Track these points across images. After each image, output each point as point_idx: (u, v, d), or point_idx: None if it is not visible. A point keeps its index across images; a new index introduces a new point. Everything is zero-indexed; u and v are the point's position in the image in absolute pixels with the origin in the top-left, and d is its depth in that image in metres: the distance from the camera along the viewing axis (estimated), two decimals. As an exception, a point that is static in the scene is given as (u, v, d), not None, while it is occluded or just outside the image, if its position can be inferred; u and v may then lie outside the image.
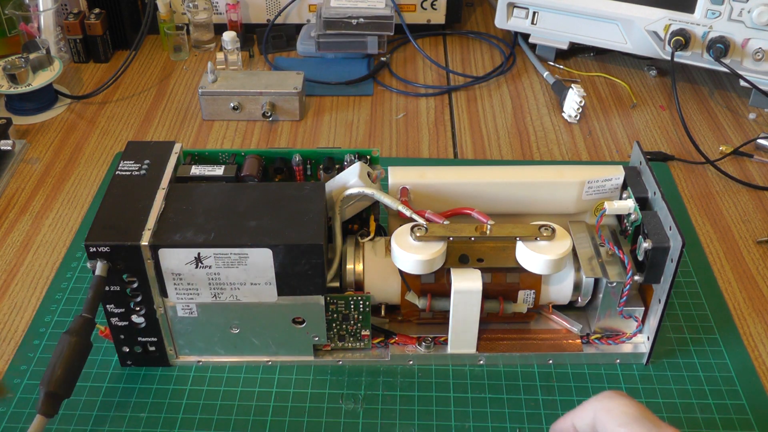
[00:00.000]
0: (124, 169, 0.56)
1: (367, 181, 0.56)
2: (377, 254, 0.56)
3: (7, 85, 0.83)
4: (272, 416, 0.53)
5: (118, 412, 0.54)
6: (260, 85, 0.83)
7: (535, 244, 0.52)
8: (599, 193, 0.58)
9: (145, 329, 0.54)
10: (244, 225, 0.51)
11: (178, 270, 0.51)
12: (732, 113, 0.88)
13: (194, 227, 0.51)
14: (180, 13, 0.98)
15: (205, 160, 0.59)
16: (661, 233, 0.52)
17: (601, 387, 0.55)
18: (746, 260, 0.67)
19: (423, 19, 1.01)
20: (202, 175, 0.57)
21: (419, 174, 0.57)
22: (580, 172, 0.58)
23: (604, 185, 0.58)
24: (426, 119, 0.86)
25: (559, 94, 0.88)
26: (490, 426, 0.53)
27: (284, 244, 0.50)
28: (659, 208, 0.54)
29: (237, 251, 0.50)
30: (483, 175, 0.58)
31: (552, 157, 0.80)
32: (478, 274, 0.53)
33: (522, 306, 0.56)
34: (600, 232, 0.56)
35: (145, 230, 0.50)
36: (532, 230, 0.52)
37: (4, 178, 0.76)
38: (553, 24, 0.93)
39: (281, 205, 0.52)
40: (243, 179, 0.57)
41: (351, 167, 0.57)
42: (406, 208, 0.55)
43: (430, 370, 0.57)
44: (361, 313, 0.54)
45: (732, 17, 0.81)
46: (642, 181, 0.57)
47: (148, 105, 0.88)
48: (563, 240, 0.52)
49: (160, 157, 0.57)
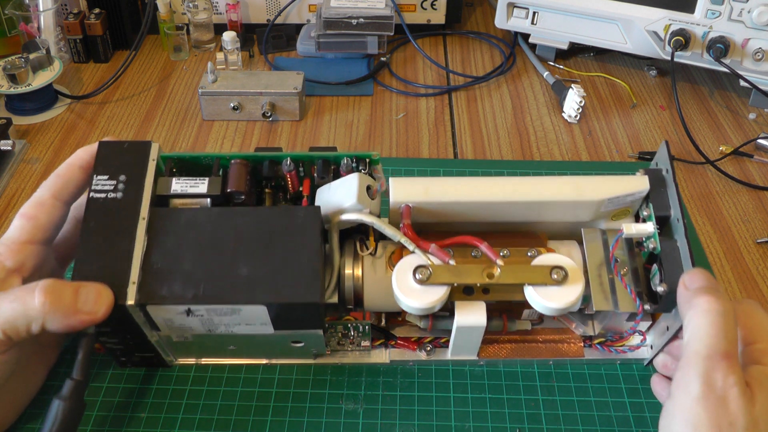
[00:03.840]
0: (98, 189, 0.49)
1: (366, 201, 0.51)
2: (377, 270, 0.53)
3: (7, 85, 0.83)
4: (272, 416, 0.53)
5: (118, 412, 0.53)
6: (260, 85, 0.83)
7: (545, 289, 0.49)
8: (619, 205, 0.54)
9: (141, 348, 0.53)
10: (234, 273, 0.47)
11: (168, 317, 0.49)
12: (732, 113, 0.88)
13: (182, 277, 0.47)
14: (180, 13, 0.98)
15: (186, 166, 0.54)
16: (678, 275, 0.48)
17: (601, 387, 0.55)
18: (746, 260, 0.68)
19: (423, 19, 1.01)
20: (184, 192, 0.51)
21: (423, 191, 0.52)
22: (600, 188, 0.52)
23: (626, 198, 0.53)
24: (426, 119, 0.86)
25: (559, 94, 0.88)
26: (490, 426, 0.53)
27: (279, 303, 0.47)
28: (680, 239, 0.50)
29: (229, 307, 0.47)
30: (492, 193, 0.52)
31: (552, 157, 0.80)
32: (483, 308, 0.51)
33: (526, 323, 0.56)
34: (614, 259, 0.52)
35: (130, 284, 0.46)
36: (543, 275, 0.49)
37: (4, 178, 0.76)
38: (553, 24, 0.93)
39: (273, 241, 0.48)
40: (229, 196, 0.52)
41: (348, 181, 0.52)
42: (409, 242, 0.51)
43: (430, 370, 0.57)
44: (360, 332, 0.55)
45: (732, 17, 0.81)
46: (666, 194, 0.52)
47: (148, 105, 0.88)
48: (574, 285, 0.49)
49: (137, 167, 0.50)
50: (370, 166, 0.54)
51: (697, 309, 0.44)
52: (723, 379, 0.41)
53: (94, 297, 0.45)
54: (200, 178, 0.52)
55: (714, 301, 0.44)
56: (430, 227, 0.54)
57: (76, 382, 0.46)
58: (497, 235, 0.54)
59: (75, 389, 0.46)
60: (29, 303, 0.44)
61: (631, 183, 0.52)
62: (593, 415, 0.54)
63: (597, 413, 0.54)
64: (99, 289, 0.45)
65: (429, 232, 0.53)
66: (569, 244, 0.55)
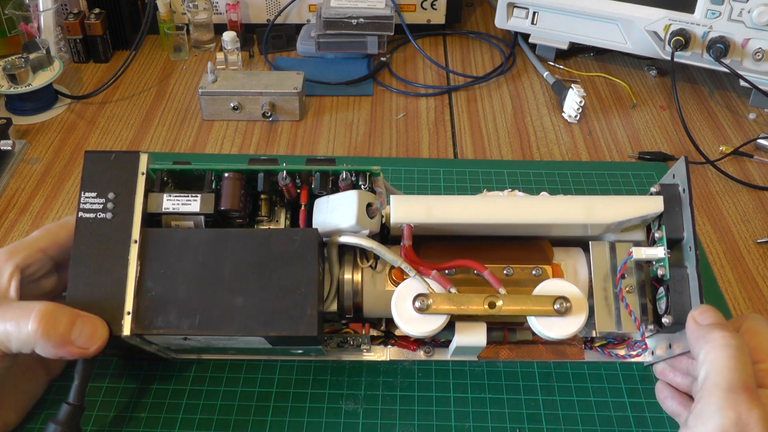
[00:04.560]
0: (86, 209, 0.48)
1: (365, 221, 0.50)
2: (377, 284, 0.53)
3: (7, 85, 0.83)
4: (272, 416, 0.53)
5: (118, 412, 0.53)
6: (260, 85, 0.83)
7: (547, 319, 0.48)
8: (631, 224, 0.53)
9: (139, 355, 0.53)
10: (230, 302, 0.46)
11: (165, 343, 0.49)
12: (732, 113, 0.88)
13: (177, 306, 0.46)
14: (180, 13, 0.98)
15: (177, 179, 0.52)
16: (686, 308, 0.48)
17: (601, 387, 0.55)
18: (746, 260, 0.67)
19: (423, 19, 1.01)
20: (175, 211, 0.49)
21: (426, 210, 0.50)
22: (612, 211, 0.50)
23: (638, 219, 0.52)
24: (426, 119, 0.86)
25: (559, 94, 0.88)
26: (490, 426, 0.53)
27: (276, 336, 0.46)
28: (690, 268, 0.49)
29: (225, 338, 0.47)
30: (497, 214, 0.51)
31: (552, 157, 0.80)
32: (483, 329, 0.51)
33: (527, 334, 0.56)
34: (620, 284, 0.52)
35: (125, 315, 0.46)
36: (546, 306, 0.48)
37: (4, 178, 0.76)
38: (553, 24, 0.93)
39: (270, 269, 0.47)
40: (223, 215, 0.51)
41: (347, 200, 0.50)
42: (410, 267, 0.50)
43: (430, 371, 0.57)
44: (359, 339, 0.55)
45: (732, 17, 0.81)
46: (680, 215, 0.51)
47: (148, 105, 0.88)
48: (578, 315, 0.48)
49: (126, 182, 0.49)
50: (371, 179, 0.52)
51: (714, 344, 0.44)
52: (747, 413, 0.41)
53: (89, 332, 0.45)
54: (192, 195, 0.50)
55: (730, 336, 0.44)
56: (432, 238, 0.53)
57: (73, 407, 0.46)
58: (500, 247, 0.53)
59: (71, 415, 0.46)
60: (23, 326, 0.43)
61: (644, 205, 0.51)
62: (593, 415, 0.54)
63: (597, 413, 0.54)
64: (95, 325, 0.45)
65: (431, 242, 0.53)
66: (575, 253, 0.55)
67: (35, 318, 0.43)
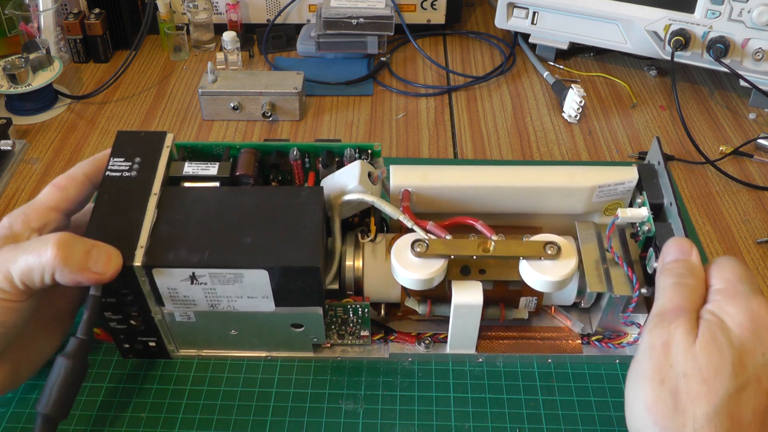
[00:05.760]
0: (114, 169, 0.53)
1: (368, 185, 0.54)
2: (377, 256, 0.55)
3: (7, 85, 0.83)
4: (272, 416, 0.53)
5: (118, 412, 0.54)
6: (260, 85, 0.83)
7: (539, 263, 0.50)
8: (611, 196, 0.56)
9: (145, 331, 0.54)
10: (238, 241, 0.49)
11: (173, 286, 0.50)
12: (732, 113, 0.88)
13: (187, 243, 0.49)
14: (180, 13, 0.98)
15: (198, 155, 0.58)
16: None
17: (601, 387, 0.55)
18: (746, 260, 0.68)
19: (423, 19, 1.01)
20: (195, 174, 0.54)
21: (422, 176, 0.55)
22: (591, 176, 0.55)
23: (617, 188, 0.56)
24: (426, 119, 0.86)
25: (559, 94, 0.88)
26: (490, 426, 0.53)
27: (280, 266, 0.48)
28: (674, 221, 0.52)
29: (232, 271, 0.49)
30: (488, 179, 0.55)
31: (552, 157, 0.80)
32: (479, 287, 0.52)
33: (523, 312, 0.56)
34: (610, 241, 0.54)
35: (138, 248, 0.48)
36: (537, 249, 0.50)
37: (4, 178, 0.76)
38: (553, 24, 0.93)
39: (277, 216, 0.51)
40: (238, 179, 0.55)
41: (351, 167, 0.55)
42: (408, 218, 0.53)
43: (430, 370, 0.57)
44: (360, 317, 0.55)
45: (732, 17, 0.81)
46: (658, 184, 0.55)
47: (148, 105, 0.88)
48: (568, 259, 0.51)
49: (152, 152, 0.54)
50: (372, 158, 0.57)
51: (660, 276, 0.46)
52: (668, 326, 0.43)
53: (105, 259, 0.47)
54: (211, 163, 0.55)
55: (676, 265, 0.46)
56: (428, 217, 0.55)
57: (81, 340, 0.48)
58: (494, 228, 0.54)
59: (79, 348, 0.48)
60: (42, 255, 0.45)
61: (621, 172, 0.56)
62: (593, 415, 0.54)
63: (597, 413, 0.54)
64: (110, 252, 0.47)
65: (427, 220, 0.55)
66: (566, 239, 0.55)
67: (54, 245, 0.45)
